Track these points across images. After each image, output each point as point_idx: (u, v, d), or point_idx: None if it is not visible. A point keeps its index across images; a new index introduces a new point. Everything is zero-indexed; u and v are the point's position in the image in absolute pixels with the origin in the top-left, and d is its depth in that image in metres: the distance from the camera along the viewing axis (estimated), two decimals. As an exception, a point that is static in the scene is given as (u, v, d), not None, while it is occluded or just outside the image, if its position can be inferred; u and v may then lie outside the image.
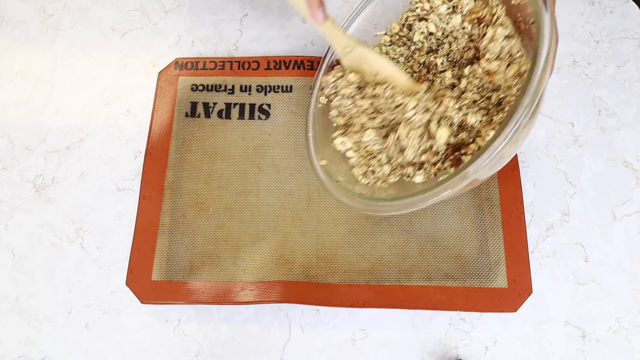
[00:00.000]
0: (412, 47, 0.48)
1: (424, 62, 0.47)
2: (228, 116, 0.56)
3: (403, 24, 0.48)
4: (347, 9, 0.62)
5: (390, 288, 0.48)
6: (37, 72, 0.59)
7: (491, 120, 0.39)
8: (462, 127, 0.40)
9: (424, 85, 0.42)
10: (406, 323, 0.49)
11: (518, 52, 0.38)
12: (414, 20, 0.48)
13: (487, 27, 0.41)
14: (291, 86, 0.56)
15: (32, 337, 0.49)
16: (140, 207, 0.51)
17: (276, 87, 0.56)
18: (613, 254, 0.51)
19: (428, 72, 0.47)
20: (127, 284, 0.48)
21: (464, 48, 0.45)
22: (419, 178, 0.41)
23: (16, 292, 0.50)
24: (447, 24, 0.46)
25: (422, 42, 0.47)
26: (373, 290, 0.48)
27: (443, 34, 0.47)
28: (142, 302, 0.48)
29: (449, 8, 0.45)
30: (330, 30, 0.44)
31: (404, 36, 0.48)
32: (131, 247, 0.50)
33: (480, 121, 0.39)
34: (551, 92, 0.58)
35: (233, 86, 0.57)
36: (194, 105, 0.56)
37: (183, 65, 0.57)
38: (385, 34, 0.49)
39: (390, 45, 0.49)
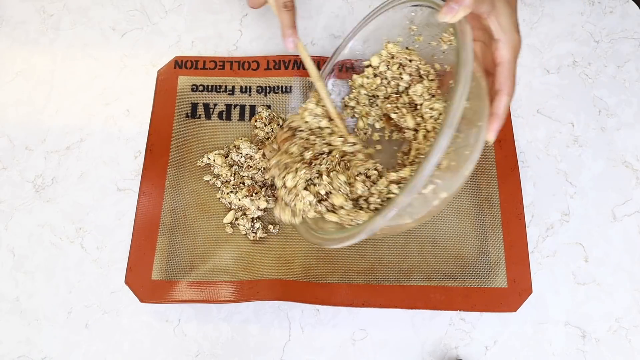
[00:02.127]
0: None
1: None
2: (229, 117, 0.56)
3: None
4: (347, 8, 0.62)
5: (390, 288, 0.48)
6: (37, 72, 0.59)
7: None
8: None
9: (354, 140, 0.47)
10: (406, 323, 0.49)
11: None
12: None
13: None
14: (291, 87, 0.56)
15: (32, 337, 0.49)
16: (140, 204, 0.51)
17: (276, 88, 0.56)
18: (613, 254, 0.51)
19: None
20: (127, 282, 0.48)
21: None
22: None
23: (16, 292, 0.50)
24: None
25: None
26: (373, 290, 0.48)
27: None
28: (141, 301, 0.48)
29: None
30: (302, 53, 0.48)
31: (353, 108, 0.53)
32: (130, 244, 0.50)
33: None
34: (551, 92, 0.58)
35: (233, 87, 0.57)
36: (194, 106, 0.56)
37: (183, 63, 0.57)
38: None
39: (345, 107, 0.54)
